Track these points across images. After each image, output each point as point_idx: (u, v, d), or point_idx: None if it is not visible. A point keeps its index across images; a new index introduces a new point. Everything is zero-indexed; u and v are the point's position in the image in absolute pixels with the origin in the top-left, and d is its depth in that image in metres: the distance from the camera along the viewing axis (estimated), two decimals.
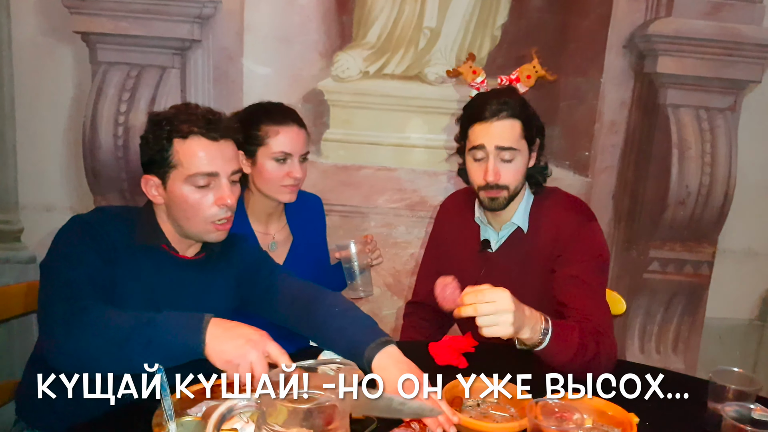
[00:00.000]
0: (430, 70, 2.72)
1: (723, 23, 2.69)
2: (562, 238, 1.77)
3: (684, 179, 2.79)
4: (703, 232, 2.87)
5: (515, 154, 1.76)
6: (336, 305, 1.58)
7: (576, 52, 2.71)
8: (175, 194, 1.50)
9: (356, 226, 2.80)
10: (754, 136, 2.83)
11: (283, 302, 1.65)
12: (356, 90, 2.73)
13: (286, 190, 1.96)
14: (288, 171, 1.93)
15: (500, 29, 2.71)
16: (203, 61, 2.71)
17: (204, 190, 1.49)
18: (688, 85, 2.75)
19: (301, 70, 2.72)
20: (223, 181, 1.50)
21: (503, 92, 1.84)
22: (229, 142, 1.53)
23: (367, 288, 2.05)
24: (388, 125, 2.78)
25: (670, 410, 1.50)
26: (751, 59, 2.73)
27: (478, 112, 1.77)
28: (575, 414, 1.39)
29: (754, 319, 3.05)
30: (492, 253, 1.90)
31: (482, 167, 1.77)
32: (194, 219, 1.51)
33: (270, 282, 1.68)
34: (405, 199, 2.84)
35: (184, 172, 1.47)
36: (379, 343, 1.44)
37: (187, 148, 1.47)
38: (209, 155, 1.48)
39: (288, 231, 2.11)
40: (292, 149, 1.92)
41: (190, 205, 1.50)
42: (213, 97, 2.72)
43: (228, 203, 1.51)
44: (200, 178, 1.48)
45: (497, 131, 1.74)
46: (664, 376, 1.67)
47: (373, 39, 2.70)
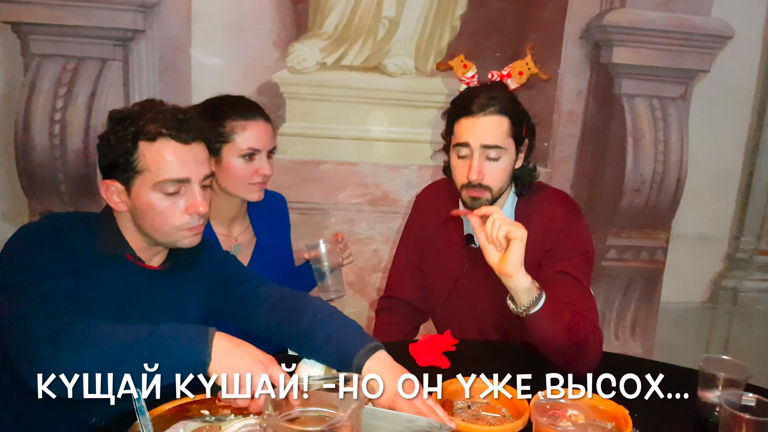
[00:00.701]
0: (390, 61, 2.65)
1: (674, 14, 2.76)
2: (552, 232, 1.75)
3: (639, 167, 2.85)
4: (658, 218, 2.95)
5: (501, 153, 1.69)
6: (319, 311, 1.49)
7: (534, 41, 2.69)
8: (141, 202, 1.36)
9: (317, 224, 2.71)
10: (704, 124, 2.90)
11: (261, 310, 1.55)
12: (314, 82, 2.63)
13: (254, 188, 1.85)
14: (256, 168, 1.82)
15: (459, 19, 2.66)
16: (148, 53, 2.56)
17: (174, 197, 1.37)
18: (641, 75, 2.80)
19: (255, 62, 2.60)
20: (195, 187, 1.38)
21: (493, 87, 1.78)
22: (201, 145, 1.40)
23: (338, 289, 1.97)
24: (348, 118, 2.69)
25: (660, 401, 1.50)
26: (700, 49, 2.80)
27: (464, 105, 1.71)
28: (567, 410, 1.39)
29: (706, 302, 3.15)
30: (476, 248, 1.85)
31: (466, 165, 1.71)
32: (163, 228, 1.39)
33: (245, 289, 1.58)
34: (367, 194, 2.77)
35: (151, 178, 1.34)
36: (368, 349, 1.38)
37: (155, 151, 1.34)
38: (180, 159, 1.35)
39: (251, 232, 2.00)
40: (260, 145, 1.82)
41: (159, 213, 1.37)
42: (159, 91, 2.58)
43: (200, 211, 1.39)
44: (170, 185, 1.35)
45: (483, 127, 1.68)
46: (651, 366, 1.71)
47: (330, 29, 2.61)
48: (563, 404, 1.37)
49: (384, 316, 2.05)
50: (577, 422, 1.36)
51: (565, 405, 1.37)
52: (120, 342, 1.19)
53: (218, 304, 1.60)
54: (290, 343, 1.52)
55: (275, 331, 1.53)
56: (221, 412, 1.28)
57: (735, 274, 3.14)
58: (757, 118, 2.99)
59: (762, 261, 3.14)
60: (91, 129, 2.53)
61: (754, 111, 2.98)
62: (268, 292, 1.58)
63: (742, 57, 2.88)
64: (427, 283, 1.98)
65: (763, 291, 3.17)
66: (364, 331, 1.47)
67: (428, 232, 1.95)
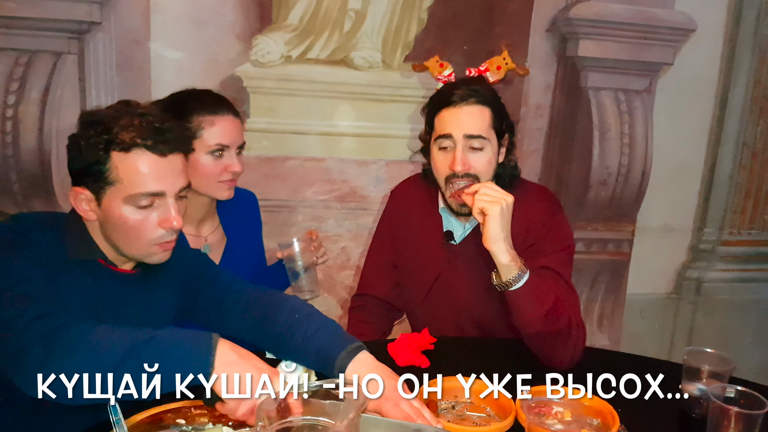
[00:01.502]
0: (357, 55, 2.59)
1: (639, 7, 2.78)
2: (534, 227, 1.74)
3: (605, 160, 2.88)
4: (624, 210, 2.98)
5: (485, 144, 1.67)
6: (296, 311, 1.45)
7: (502, 34, 2.68)
8: (112, 214, 1.29)
9: (283, 222, 2.65)
10: (668, 116, 2.94)
11: (234, 311, 1.50)
12: (279, 76, 2.56)
13: (224, 186, 1.79)
14: (225, 165, 1.75)
15: (427, 12, 2.62)
16: (104, 46, 2.45)
17: (146, 210, 1.29)
18: (607, 68, 2.82)
19: (217, 55, 2.52)
20: (170, 201, 1.30)
21: (473, 80, 1.79)
22: (178, 156, 1.32)
23: (313, 289, 1.91)
24: (314, 113, 2.63)
25: (644, 394, 1.51)
26: (664, 42, 2.83)
27: (445, 98, 1.69)
28: (554, 408, 1.39)
29: (671, 293, 3.19)
30: (456, 245, 1.83)
31: (448, 157, 1.68)
32: (133, 242, 1.32)
33: (216, 288, 1.53)
34: (334, 191, 2.71)
35: (123, 190, 1.26)
36: (350, 350, 1.34)
37: (128, 163, 1.26)
38: (155, 172, 1.27)
39: (221, 232, 1.93)
40: (229, 141, 1.75)
41: (130, 227, 1.29)
42: (117, 86, 2.48)
43: (174, 226, 1.31)
44: (143, 199, 1.28)
45: (466, 117, 1.66)
46: (633, 360, 1.72)
47: (295, 21, 2.54)
48: (549, 402, 1.36)
49: (357, 314, 2.01)
50: (564, 419, 1.36)
51: (551, 402, 1.36)
52: (118, 346, 1.13)
53: (189, 305, 1.54)
54: (266, 345, 1.47)
55: (250, 333, 1.48)
56: (198, 420, 1.24)
57: (698, 264, 3.19)
58: (718, 111, 3.03)
59: (724, 251, 3.20)
60: (45, 126, 2.43)
61: (716, 103, 3.03)
62: (241, 291, 1.53)
63: (704, 50, 2.92)
64: (404, 280, 1.95)
65: (726, 281, 3.23)
66: (344, 330, 1.43)
67: (405, 228, 1.92)
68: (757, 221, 3.21)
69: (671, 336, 3.21)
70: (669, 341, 3.21)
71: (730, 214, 3.16)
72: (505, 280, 1.55)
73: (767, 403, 1.25)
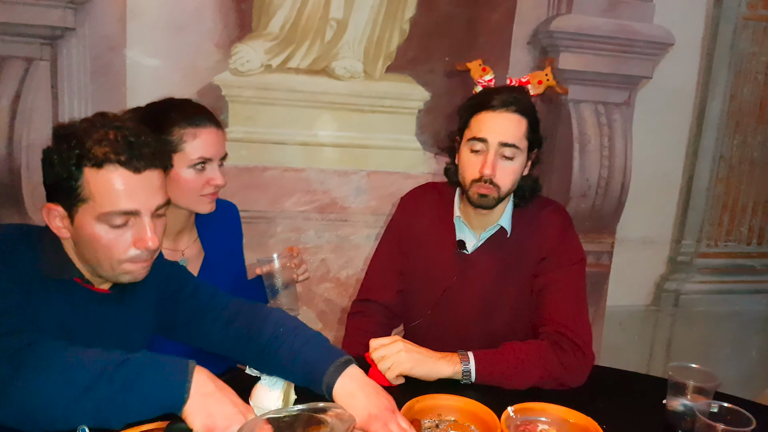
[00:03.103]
0: (338, 64, 2.56)
1: (618, 20, 2.80)
2: (548, 241, 1.75)
3: (585, 172, 2.88)
4: (603, 222, 2.98)
5: (516, 153, 1.68)
6: (281, 324, 1.41)
7: (484, 46, 2.68)
8: (85, 232, 1.23)
9: (262, 233, 2.60)
10: (647, 129, 2.96)
11: (216, 325, 1.45)
12: (258, 84, 2.52)
13: (206, 200, 1.73)
14: (208, 178, 1.70)
15: (409, 22, 2.61)
16: (78, 52, 2.39)
17: (120, 229, 1.23)
18: (587, 80, 2.83)
19: (195, 62, 2.47)
20: (145, 220, 1.24)
21: (515, 88, 1.79)
22: (155, 172, 1.25)
23: (292, 306, 1.85)
24: (294, 122, 2.58)
25: (627, 410, 1.50)
26: (643, 55, 2.86)
27: (486, 100, 1.69)
28: (539, 425, 1.37)
29: (650, 304, 3.20)
30: (469, 255, 1.81)
31: (479, 159, 1.68)
32: (105, 262, 1.26)
33: (197, 302, 1.48)
34: (315, 201, 2.67)
35: (96, 208, 1.21)
36: (338, 365, 1.31)
37: (101, 180, 1.20)
38: (129, 190, 1.21)
39: (199, 246, 1.88)
40: (212, 153, 1.70)
41: (103, 245, 1.23)
42: (91, 93, 2.41)
43: (149, 246, 1.25)
44: (116, 217, 1.22)
45: (503, 123, 1.66)
46: (618, 375, 1.72)
47: (275, 29, 2.50)
48: (534, 419, 1.35)
49: (356, 321, 1.97)
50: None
51: (537, 420, 1.35)
52: (91, 367, 1.08)
53: (168, 320, 1.49)
54: (250, 360, 1.43)
55: (233, 347, 1.44)
56: None
57: (677, 276, 3.20)
58: (696, 124, 3.06)
59: (702, 263, 3.22)
60: (15, 134, 2.35)
61: (693, 117, 3.05)
62: (224, 304, 1.48)
63: (682, 64, 2.95)
64: (411, 289, 1.92)
65: (704, 293, 3.25)
66: (331, 343, 1.40)
67: (415, 235, 1.90)
68: (734, 233, 3.24)
69: (650, 348, 3.22)
70: (648, 353, 3.22)
71: (708, 226, 3.19)
72: (463, 382, 1.55)
73: (753, 420, 1.26)
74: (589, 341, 1.64)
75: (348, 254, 2.73)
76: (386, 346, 1.53)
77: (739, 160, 3.17)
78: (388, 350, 1.52)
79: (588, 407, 1.37)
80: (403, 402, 1.34)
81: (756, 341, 3.36)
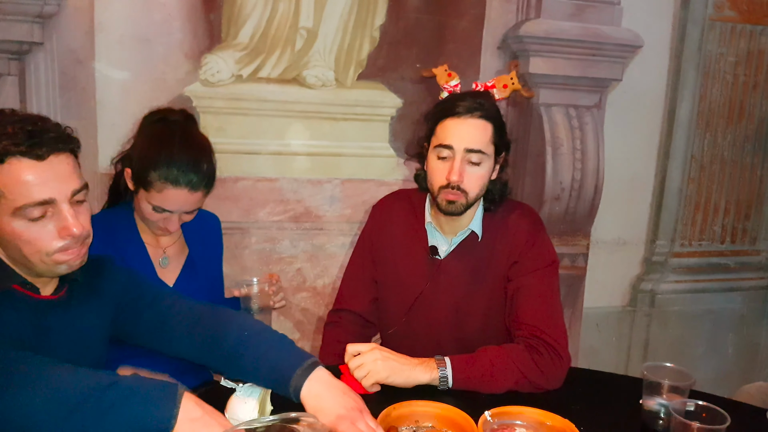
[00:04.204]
0: (309, 73, 2.55)
1: (586, 24, 2.82)
2: (518, 244, 1.75)
3: (558, 175, 2.89)
4: (578, 225, 2.99)
5: (483, 159, 1.68)
6: (245, 328, 1.39)
7: (453, 52, 2.68)
8: (5, 231, 1.20)
9: (236, 244, 2.58)
10: (618, 131, 2.98)
11: (179, 330, 1.43)
12: (229, 95, 2.50)
13: (159, 232, 1.78)
14: (164, 220, 1.72)
15: (379, 30, 2.61)
16: (46, 66, 2.35)
17: (40, 222, 1.20)
18: (557, 84, 2.84)
19: (165, 74, 2.44)
20: (64, 207, 1.21)
21: (480, 94, 1.80)
22: (62, 156, 1.22)
23: None
24: (266, 132, 2.57)
25: (604, 411, 1.51)
26: (612, 58, 2.88)
27: (451, 107, 1.69)
28: (516, 430, 1.37)
29: (626, 305, 3.22)
30: (440, 261, 1.81)
31: (446, 166, 1.69)
32: (33, 257, 1.22)
33: (159, 309, 1.46)
34: (288, 211, 2.65)
35: (9, 204, 1.17)
36: (305, 368, 1.30)
37: (7, 174, 1.16)
38: (39, 179, 1.18)
39: (182, 245, 1.90)
40: (174, 209, 1.70)
41: (26, 242, 1.20)
42: (60, 107, 2.38)
43: (74, 233, 1.22)
44: (32, 209, 1.18)
45: (468, 130, 1.67)
46: (595, 376, 1.72)
47: (245, 39, 2.49)
48: (512, 423, 1.35)
49: (332, 331, 1.97)
50: None
51: (513, 424, 1.35)
52: (78, 388, 1.06)
53: (129, 327, 1.46)
54: (216, 365, 1.42)
55: (198, 353, 1.42)
56: None
57: (652, 277, 3.23)
58: (667, 125, 3.10)
59: (676, 263, 3.25)
60: None
61: (664, 118, 3.09)
62: (186, 309, 1.46)
63: (651, 66, 2.98)
64: (384, 296, 1.92)
65: (678, 292, 3.28)
66: (297, 346, 1.38)
67: (387, 242, 1.90)
68: (707, 232, 3.28)
69: (628, 349, 3.24)
70: (626, 354, 3.24)
71: (681, 226, 3.22)
72: (441, 388, 1.55)
73: (727, 418, 1.26)
74: (564, 343, 1.64)
75: (323, 263, 2.72)
76: (363, 354, 1.53)
77: (710, 159, 3.21)
78: (364, 358, 1.52)
79: (565, 409, 1.38)
80: (380, 409, 1.33)
81: (731, 339, 3.40)
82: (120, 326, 1.46)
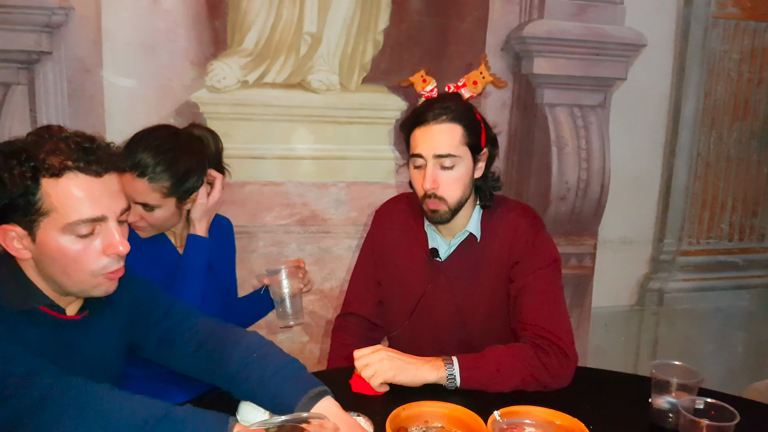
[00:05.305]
0: (314, 78, 2.57)
1: (589, 24, 2.82)
2: (519, 244, 1.74)
3: (563, 175, 2.89)
4: (584, 224, 2.99)
5: (455, 162, 1.68)
6: (253, 350, 1.36)
7: (456, 54, 2.70)
8: (50, 247, 1.18)
9: (243, 248, 2.58)
10: (623, 130, 2.98)
11: (186, 349, 1.42)
12: (235, 101, 2.52)
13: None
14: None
15: (382, 33, 2.63)
16: (55, 75, 2.39)
17: (87, 239, 1.19)
18: (561, 84, 2.85)
19: (171, 81, 2.47)
20: (112, 224, 1.21)
21: (446, 97, 1.79)
22: (114, 175, 1.22)
23: (297, 316, 1.91)
24: (271, 137, 2.59)
25: (613, 409, 1.51)
26: (616, 58, 2.88)
27: (419, 115, 1.70)
28: (525, 429, 1.37)
29: (634, 304, 3.21)
30: (441, 262, 1.82)
31: (421, 175, 1.69)
32: (77, 275, 1.21)
33: (168, 325, 1.44)
34: (295, 215, 2.67)
35: (60, 219, 1.16)
36: (311, 396, 1.26)
37: (61, 189, 1.15)
38: (92, 196, 1.17)
39: None
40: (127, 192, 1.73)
41: (72, 259, 1.18)
42: (68, 115, 2.41)
43: (120, 251, 1.21)
44: (83, 226, 1.17)
45: (434, 136, 1.66)
46: (603, 375, 1.72)
47: (250, 45, 2.51)
48: (521, 423, 1.35)
49: (339, 335, 1.98)
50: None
51: (523, 424, 1.35)
52: (131, 419, 1.07)
53: (139, 341, 1.45)
54: (222, 386, 1.40)
55: (203, 373, 1.41)
56: None
57: (659, 275, 3.22)
58: (672, 123, 3.09)
59: (684, 261, 3.24)
60: None
61: (669, 116, 3.09)
62: (195, 327, 1.44)
63: (655, 64, 2.98)
64: (388, 298, 1.93)
65: (686, 291, 3.27)
66: (307, 371, 1.35)
67: (389, 246, 1.91)
68: (714, 230, 3.27)
69: (636, 348, 3.23)
70: (635, 353, 3.23)
71: (688, 224, 3.21)
72: (448, 387, 1.55)
73: (737, 415, 1.26)
74: (570, 342, 1.64)
75: (330, 266, 2.73)
76: (369, 354, 1.54)
77: (716, 157, 3.20)
78: (370, 358, 1.52)
79: (574, 409, 1.37)
80: (389, 410, 1.33)
81: (740, 337, 3.38)
82: (131, 338, 1.46)
